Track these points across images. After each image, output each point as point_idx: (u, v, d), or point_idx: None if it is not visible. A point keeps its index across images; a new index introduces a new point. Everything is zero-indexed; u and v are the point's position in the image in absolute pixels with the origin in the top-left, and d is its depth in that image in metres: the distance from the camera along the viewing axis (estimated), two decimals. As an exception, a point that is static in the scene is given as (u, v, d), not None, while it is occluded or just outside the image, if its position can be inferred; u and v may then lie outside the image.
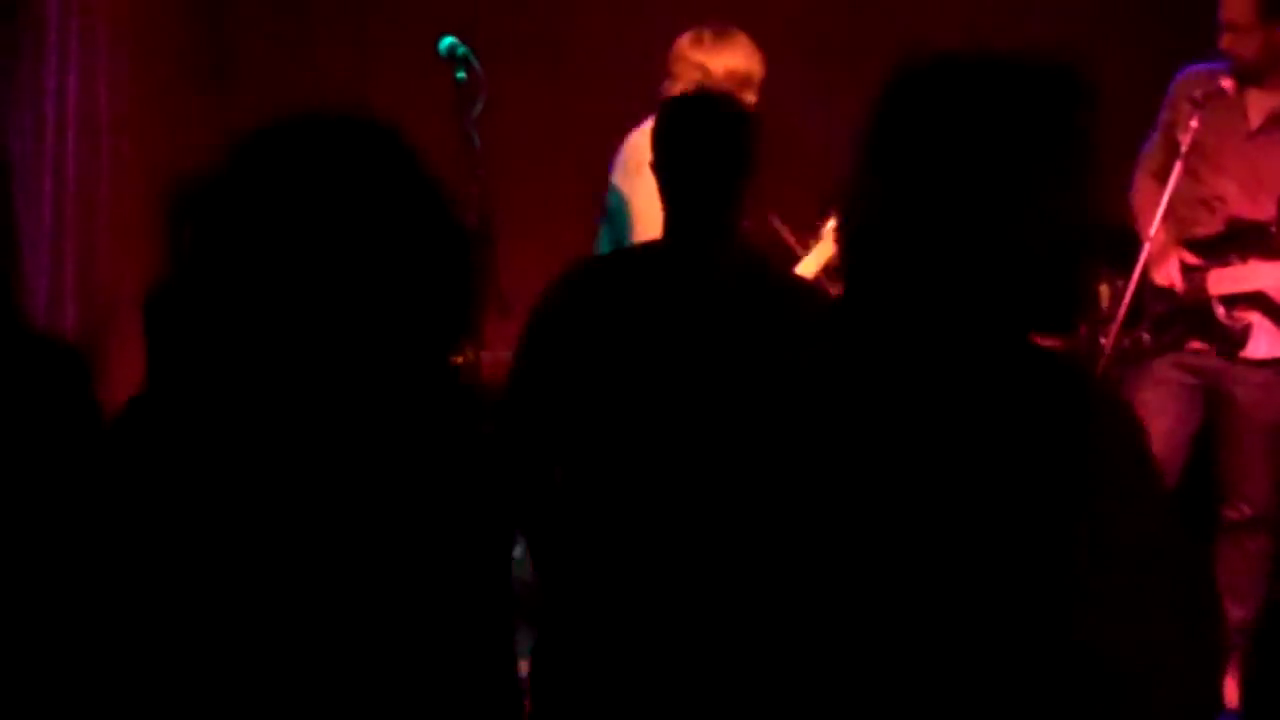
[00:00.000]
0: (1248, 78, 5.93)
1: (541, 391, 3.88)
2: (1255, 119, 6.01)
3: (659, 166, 3.96)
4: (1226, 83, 5.93)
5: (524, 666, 3.50)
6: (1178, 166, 5.85)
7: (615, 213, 5.51)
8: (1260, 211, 5.96)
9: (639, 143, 5.23)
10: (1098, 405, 2.44)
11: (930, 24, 7.25)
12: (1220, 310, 5.99)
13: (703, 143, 3.91)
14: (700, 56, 5.66)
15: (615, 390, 3.81)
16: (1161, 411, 5.91)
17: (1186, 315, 6.05)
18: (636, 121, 5.48)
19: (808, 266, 5.76)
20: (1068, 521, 2.30)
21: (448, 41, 5.80)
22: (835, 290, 5.32)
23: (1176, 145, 5.92)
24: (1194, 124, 5.85)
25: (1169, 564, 2.37)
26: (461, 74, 5.77)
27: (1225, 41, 5.91)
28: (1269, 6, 5.82)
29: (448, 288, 2.33)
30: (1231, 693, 5.66)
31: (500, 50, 6.77)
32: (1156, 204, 5.87)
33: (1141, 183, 6.25)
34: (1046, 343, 2.49)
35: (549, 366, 3.88)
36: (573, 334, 3.86)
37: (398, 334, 2.27)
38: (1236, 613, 5.87)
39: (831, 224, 5.37)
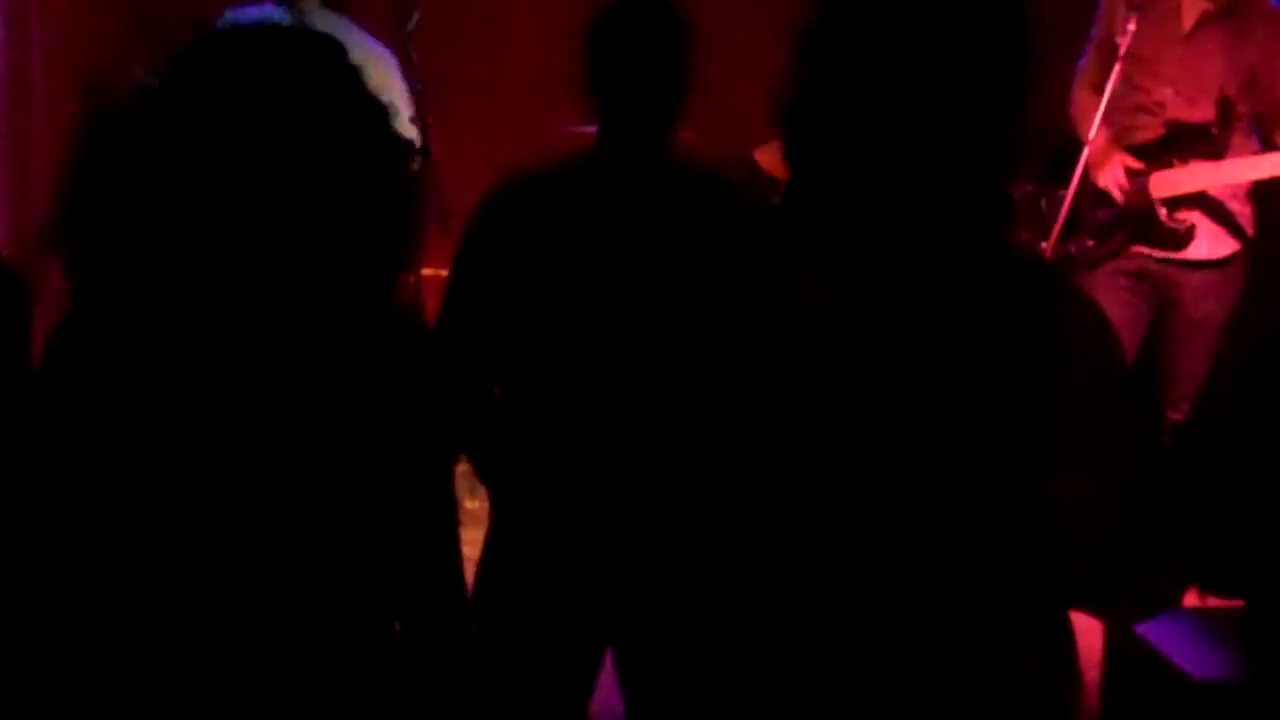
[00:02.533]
0: None
1: (478, 306, 3.85)
2: (1188, 21, 6.00)
3: (590, 76, 3.91)
4: (1165, -17, 5.93)
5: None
6: (1116, 68, 5.85)
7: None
8: (1199, 113, 5.97)
9: None
10: (1058, 291, 2.47)
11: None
12: (1163, 212, 6.01)
13: (636, 55, 3.85)
14: None
15: (552, 302, 3.79)
16: (1108, 314, 5.92)
17: (1128, 220, 6.07)
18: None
19: None
20: (1035, 397, 2.32)
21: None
22: None
23: (1114, 51, 5.92)
24: (1131, 27, 5.85)
25: (1133, 439, 2.40)
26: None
27: None
28: None
29: (387, 201, 2.31)
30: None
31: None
32: (1094, 112, 5.89)
33: (1079, 94, 6.25)
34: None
35: (484, 281, 3.85)
36: (507, 248, 3.83)
37: (338, 249, 2.25)
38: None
39: None
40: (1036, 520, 2.35)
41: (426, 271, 5.57)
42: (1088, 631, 2.52)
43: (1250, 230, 6.09)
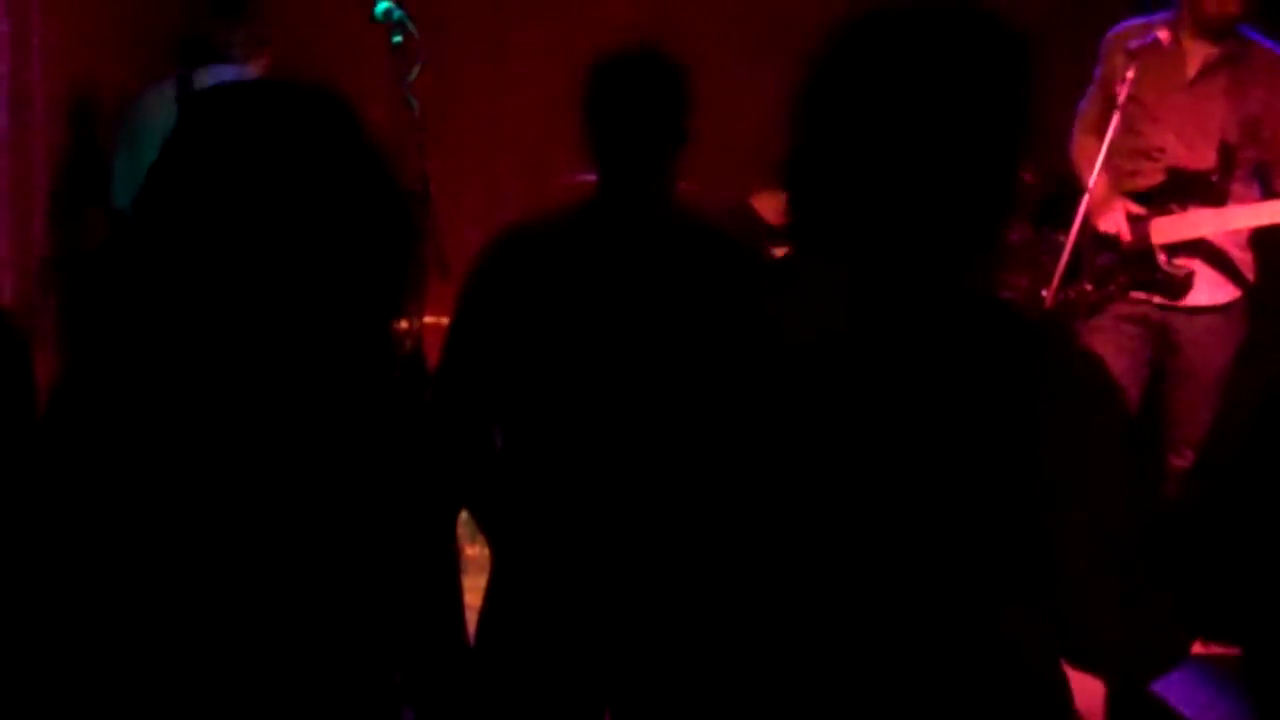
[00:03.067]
0: (1208, 34, 5.95)
1: (479, 355, 3.86)
2: (1192, 68, 6.03)
3: (589, 126, 3.92)
4: (1163, 34, 5.95)
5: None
6: (1115, 117, 5.85)
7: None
8: (1200, 160, 5.98)
9: None
10: (1048, 342, 2.46)
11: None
12: (1162, 258, 6.01)
13: (633, 106, 3.87)
14: None
15: (553, 352, 3.79)
16: (1109, 362, 5.92)
17: (1129, 265, 6.07)
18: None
19: None
20: (1022, 449, 2.32)
21: (383, 6, 5.78)
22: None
23: (1113, 98, 5.93)
24: (1130, 74, 5.85)
25: (1125, 493, 2.40)
26: (398, 38, 5.76)
27: (1213, 7, 5.90)
28: None
29: (388, 252, 2.32)
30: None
31: (438, 12, 6.74)
32: (1095, 157, 5.88)
33: (1080, 138, 6.27)
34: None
35: (485, 330, 3.86)
36: (508, 297, 3.84)
37: (339, 298, 2.26)
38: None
39: None
40: (1025, 568, 2.35)
41: (428, 320, 5.57)
42: (1088, 676, 2.52)
43: (1251, 276, 6.10)
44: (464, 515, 3.75)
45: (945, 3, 2.42)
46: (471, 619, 2.93)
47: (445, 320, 4.02)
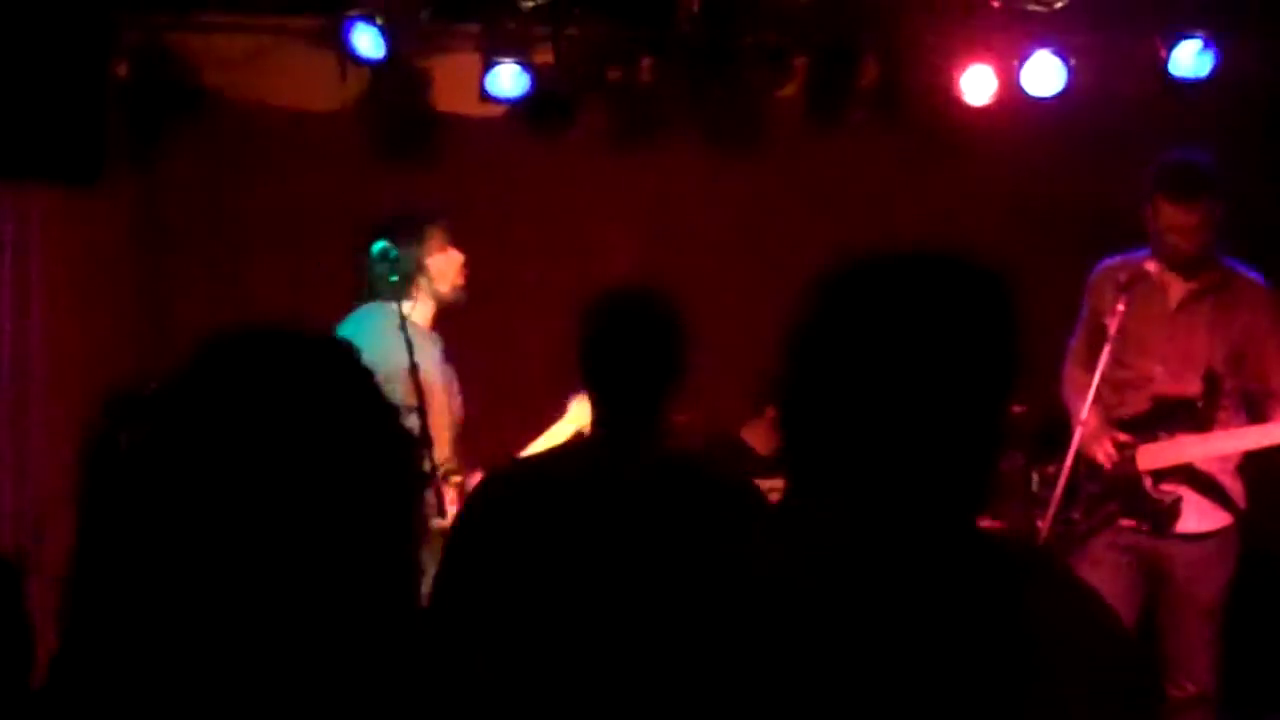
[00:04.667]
0: (1185, 269, 6.05)
1: (468, 593, 3.87)
2: (1175, 299, 6.11)
3: (584, 366, 3.98)
4: (1151, 266, 6.03)
5: None
6: (1107, 349, 5.93)
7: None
8: (1185, 388, 6.05)
9: None
10: (1041, 583, 2.47)
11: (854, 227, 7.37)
12: (1149, 484, 6.03)
13: (626, 346, 3.93)
14: None
15: (545, 591, 3.81)
16: (1102, 591, 5.90)
17: (1117, 492, 6.10)
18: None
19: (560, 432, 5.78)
20: (1014, 693, 2.32)
21: (380, 245, 5.85)
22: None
23: (1103, 330, 6.01)
24: (1120, 307, 5.94)
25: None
26: (394, 277, 5.82)
27: (1178, 244, 6.00)
28: (1219, 206, 5.95)
29: (394, 500, 2.33)
30: None
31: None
32: (1085, 390, 5.94)
33: (1070, 372, 6.34)
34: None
35: (475, 569, 3.87)
36: (499, 536, 3.86)
37: (345, 548, 2.27)
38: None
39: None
40: None
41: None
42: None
43: (1241, 503, 6.11)
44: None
45: (924, 251, 2.48)
46: None
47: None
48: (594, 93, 7.86)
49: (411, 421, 5.32)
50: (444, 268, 6.16)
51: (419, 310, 6.03)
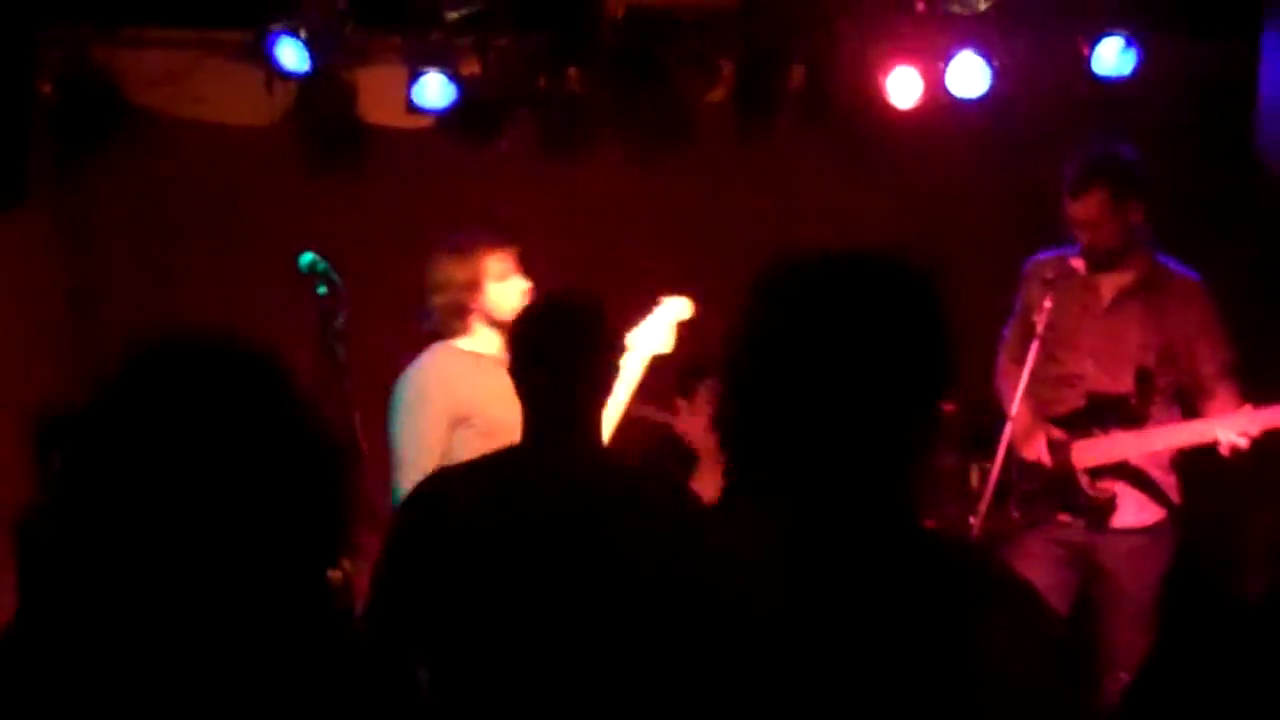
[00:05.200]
0: (1104, 264, 6.07)
1: (405, 597, 3.88)
2: (1107, 296, 6.15)
3: (516, 374, 4.00)
4: (1077, 263, 6.07)
5: None
6: (1034, 346, 5.96)
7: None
8: (1118, 384, 6.08)
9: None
10: (983, 580, 2.49)
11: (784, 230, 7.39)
12: (1085, 481, 6.07)
13: (555, 349, 3.94)
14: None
15: (478, 591, 3.81)
16: (1037, 585, 5.92)
17: (1053, 489, 6.13)
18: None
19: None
20: (960, 689, 2.34)
21: (307, 258, 5.81)
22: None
23: (1033, 327, 6.04)
24: (1047, 304, 5.97)
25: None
26: (323, 289, 5.78)
27: (1085, 238, 6.04)
28: (1120, 195, 5.97)
29: (318, 508, 2.33)
30: None
31: (365, 262, 6.82)
32: (1016, 385, 5.97)
33: (1003, 367, 6.38)
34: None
35: (411, 572, 3.88)
36: (433, 539, 3.87)
37: (268, 555, 2.27)
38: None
39: None
40: None
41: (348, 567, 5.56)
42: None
43: (1176, 497, 6.15)
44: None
45: (855, 253, 2.50)
46: None
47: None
48: (522, 103, 7.86)
49: None
50: (500, 298, 5.78)
51: (480, 341, 5.82)
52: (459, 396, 5.45)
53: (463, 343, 5.72)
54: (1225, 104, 7.87)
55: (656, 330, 5.64)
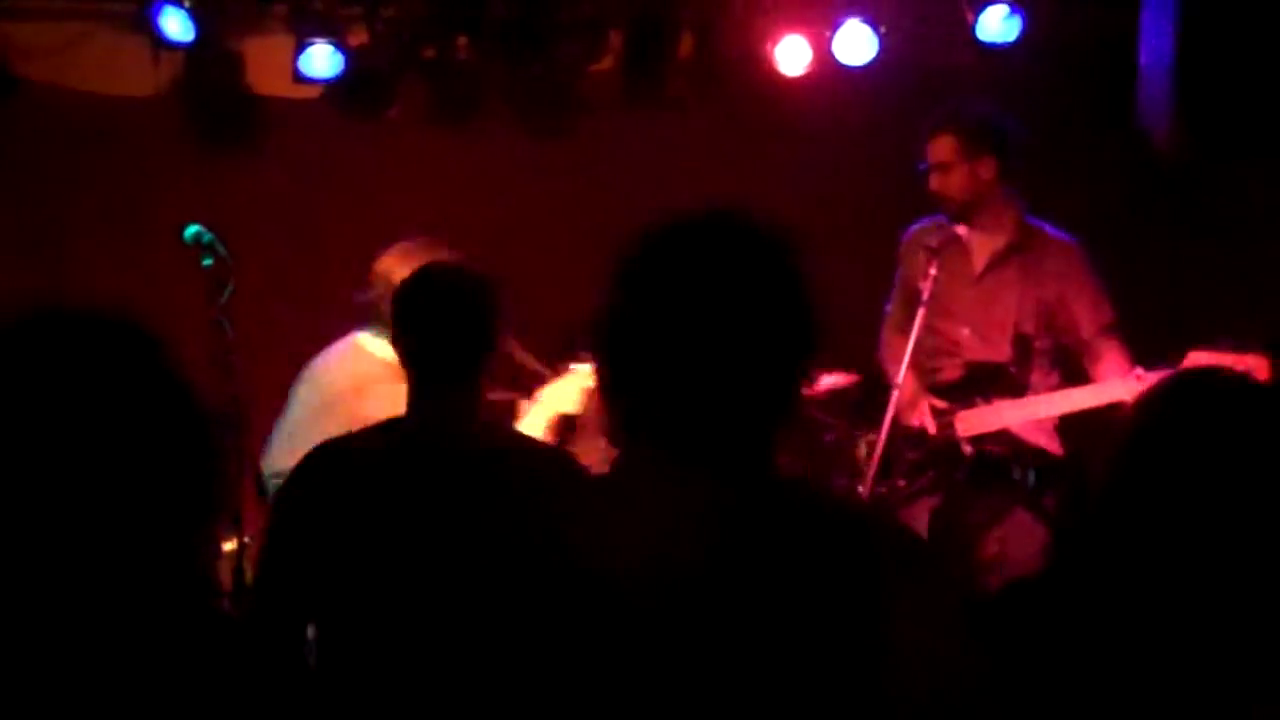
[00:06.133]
0: (958, 217, 6.13)
1: (290, 568, 3.88)
2: (980, 262, 6.20)
3: (399, 344, 4.01)
4: (961, 229, 6.11)
5: None
6: (921, 313, 5.99)
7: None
8: (996, 353, 6.13)
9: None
10: (875, 532, 2.54)
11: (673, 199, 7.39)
12: (968, 450, 6.12)
13: (442, 320, 3.95)
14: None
15: (364, 563, 3.82)
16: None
17: (938, 459, 6.17)
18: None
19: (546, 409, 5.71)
20: (866, 637, 2.38)
21: (193, 229, 5.78)
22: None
23: (916, 296, 6.08)
24: (933, 271, 6.00)
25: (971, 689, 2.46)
26: (208, 260, 5.76)
27: (934, 183, 6.10)
28: (970, 144, 6.03)
29: (189, 478, 2.34)
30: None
31: (254, 233, 6.78)
32: (901, 355, 6.00)
33: (887, 337, 6.43)
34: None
35: (296, 544, 3.88)
36: (319, 509, 3.87)
37: (139, 526, 2.27)
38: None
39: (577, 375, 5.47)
40: None
41: (247, 540, 5.55)
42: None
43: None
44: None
45: (716, 216, 2.53)
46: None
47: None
48: (410, 72, 7.84)
49: None
50: None
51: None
52: (365, 412, 5.37)
53: (377, 344, 5.54)
54: (1107, 70, 7.95)
55: (568, 390, 5.65)
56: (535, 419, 5.57)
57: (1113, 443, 2.68)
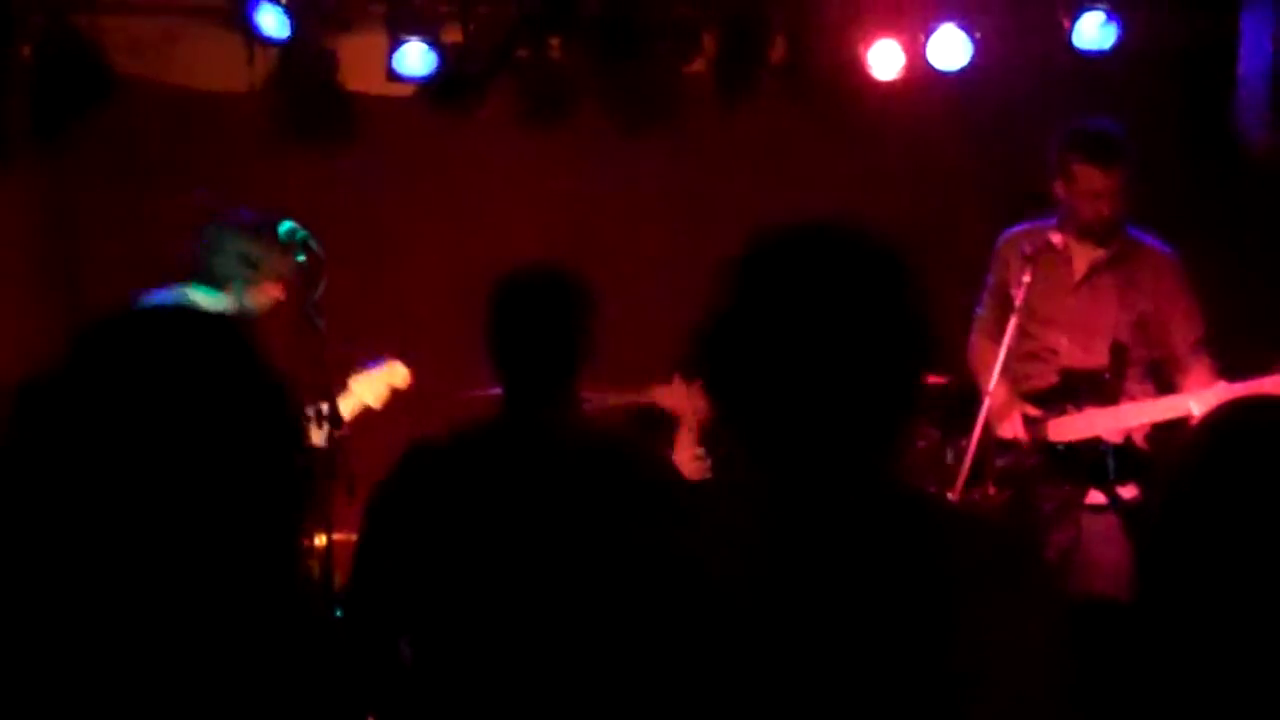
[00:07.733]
0: (1097, 237, 6.08)
1: (387, 570, 3.87)
2: (1080, 270, 6.16)
3: (492, 342, 3.99)
4: (1056, 237, 6.07)
5: None
6: (1014, 320, 5.96)
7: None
8: (1092, 359, 6.09)
9: None
10: (980, 536, 2.52)
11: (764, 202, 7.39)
12: (1060, 450, 6.07)
13: (534, 322, 3.94)
14: None
15: (460, 566, 3.81)
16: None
17: (1029, 467, 6.12)
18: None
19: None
20: (947, 637, 2.36)
21: (287, 226, 5.80)
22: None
23: (1009, 302, 6.05)
24: (1026, 278, 5.97)
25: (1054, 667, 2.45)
26: (301, 257, 5.78)
27: (1097, 210, 6.03)
28: (1134, 171, 5.99)
29: (277, 473, 2.34)
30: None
31: (345, 231, 6.81)
32: (992, 362, 5.98)
33: (977, 343, 6.38)
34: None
35: (393, 545, 3.88)
36: (414, 512, 3.87)
37: (233, 525, 2.28)
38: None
39: None
40: None
41: (337, 537, 5.56)
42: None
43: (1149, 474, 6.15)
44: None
45: (828, 228, 2.52)
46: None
47: (354, 537, 4.03)
48: (502, 71, 7.85)
49: None
50: None
51: None
52: None
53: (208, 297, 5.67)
54: (1204, 78, 7.88)
55: (375, 384, 5.79)
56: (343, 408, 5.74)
57: (1169, 464, 2.65)
